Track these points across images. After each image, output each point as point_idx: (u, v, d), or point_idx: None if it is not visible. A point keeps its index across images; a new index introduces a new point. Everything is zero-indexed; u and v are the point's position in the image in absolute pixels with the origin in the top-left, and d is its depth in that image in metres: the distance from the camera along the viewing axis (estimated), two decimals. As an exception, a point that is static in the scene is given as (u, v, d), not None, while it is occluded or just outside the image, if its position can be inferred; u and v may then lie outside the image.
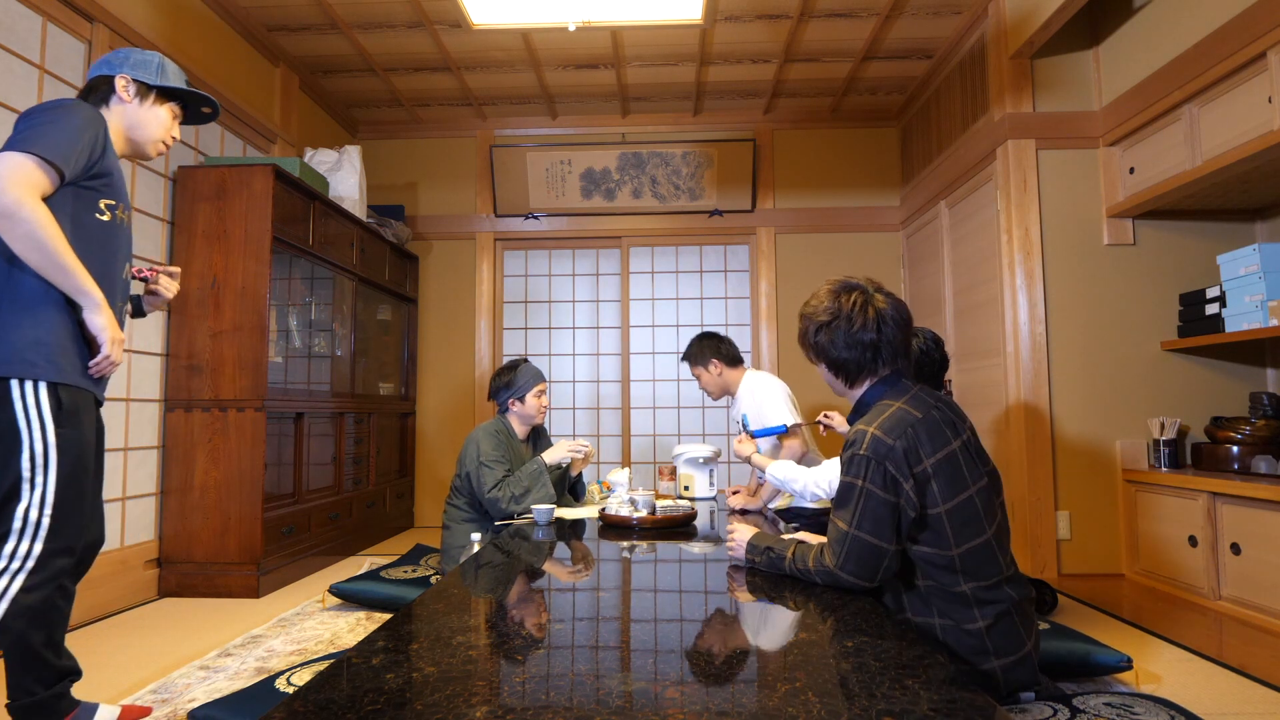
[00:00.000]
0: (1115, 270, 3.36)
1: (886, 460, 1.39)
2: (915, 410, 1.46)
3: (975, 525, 1.41)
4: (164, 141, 1.81)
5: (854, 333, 1.53)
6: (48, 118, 1.52)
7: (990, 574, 1.40)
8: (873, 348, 1.53)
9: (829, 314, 1.56)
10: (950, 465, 1.42)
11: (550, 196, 4.95)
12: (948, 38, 3.97)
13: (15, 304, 1.50)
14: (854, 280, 1.60)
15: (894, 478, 1.39)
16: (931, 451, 1.41)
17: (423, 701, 0.91)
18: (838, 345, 1.56)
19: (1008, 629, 1.40)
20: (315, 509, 3.53)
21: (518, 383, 2.87)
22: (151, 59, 1.77)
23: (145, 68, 1.75)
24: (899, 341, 1.54)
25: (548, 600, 1.51)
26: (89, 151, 1.57)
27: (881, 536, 1.39)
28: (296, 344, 3.51)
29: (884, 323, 1.52)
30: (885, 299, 1.55)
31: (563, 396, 5.05)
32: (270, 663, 2.19)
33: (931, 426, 1.44)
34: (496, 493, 2.63)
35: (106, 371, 1.62)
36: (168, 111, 1.80)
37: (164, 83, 1.77)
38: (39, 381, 1.49)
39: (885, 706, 0.90)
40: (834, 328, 1.55)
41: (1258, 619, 2.54)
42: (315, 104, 4.53)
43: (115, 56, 1.75)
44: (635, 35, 3.93)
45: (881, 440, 1.41)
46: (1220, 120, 2.72)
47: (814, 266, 4.91)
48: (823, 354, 1.60)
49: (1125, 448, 3.28)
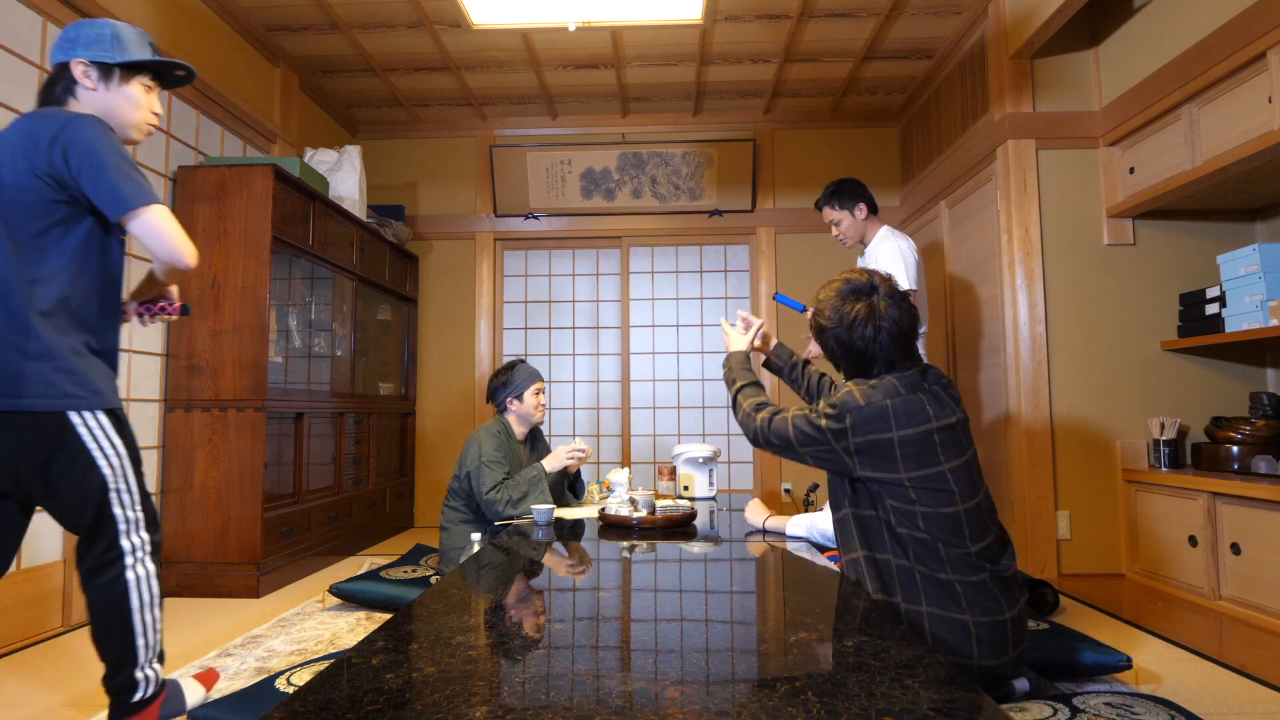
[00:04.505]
0: (1115, 270, 3.36)
1: (849, 413, 1.51)
2: (903, 389, 1.54)
3: (946, 495, 1.48)
4: (146, 122, 1.67)
5: (852, 342, 1.60)
6: (121, 153, 1.53)
7: (957, 543, 1.47)
8: (869, 358, 1.60)
9: (831, 320, 1.63)
10: (921, 441, 1.49)
11: (550, 196, 4.95)
12: (948, 38, 3.97)
13: (49, 346, 1.49)
14: (863, 282, 1.64)
15: (838, 430, 1.52)
16: (908, 421, 1.50)
17: (423, 701, 0.91)
18: (837, 350, 1.65)
19: (984, 593, 1.46)
20: (315, 509, 3.53)
21: (515, 381, 2.87)
22: (103, 31, 1.60)
23: (99, 44, 1.59)
24: (895, 353, 1.59)
25: (547, 600, 1.51)
26: None
27: (800, 439, 1.59)
28: (296, 344, 3.51)
29: (880, 334, 1.57)
30: (890, 307, 1.59)
31: (563, 396, 5.05)
32: (270, 663, 2.19)
33: (911, 405, 1.51)
34: (495, 494, 2.63)
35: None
36: (138, 88, 1.63)
37: (124, 57, 1.60)
38: (95, 410, 1.54)
39: (885, 706, 0.90)
40: (835, 334, 1.63)
41: (1258, 619, 2.54)
42: (315, 104, 4.53)
43: (64, 38, 1.60)
44: (635, 35, 3.93)
45: (853, 397, 1.54)
46: (1220, 120, 2.72)
47: (814, 266, 4.91)
48: (824, 348, 1.70)
49: (1125, 447, 3.28)
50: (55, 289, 1.51)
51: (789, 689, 0.96)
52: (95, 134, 1.50)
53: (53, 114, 1.54)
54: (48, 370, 1.49)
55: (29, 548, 2.44)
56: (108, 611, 1.57)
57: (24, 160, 1.49)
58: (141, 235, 1.53)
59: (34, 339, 1.48)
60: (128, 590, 1.57)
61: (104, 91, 1.60)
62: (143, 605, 1.59)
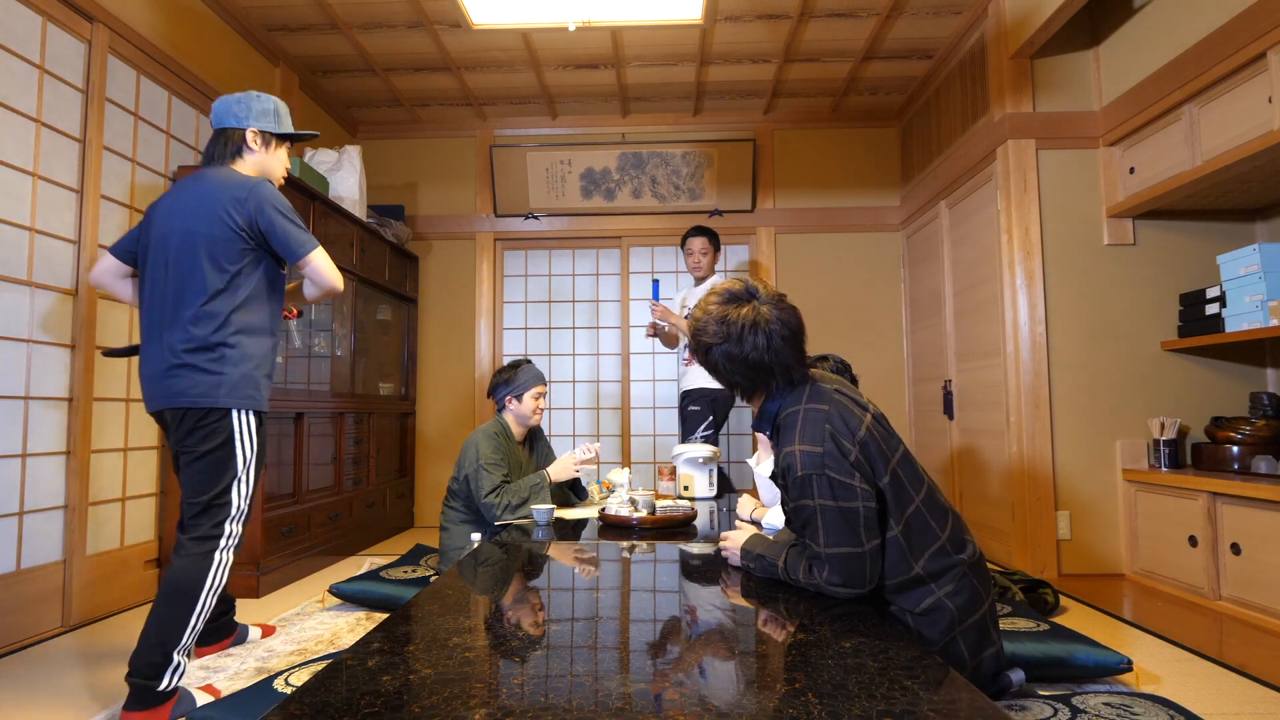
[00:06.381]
0: (1115, 270, 3.36)
1: (825, 469, 1.39)
2: (821, 405, 1.45)
3: (905, 493, 1.43)
4: (282, 176, 2.12)
5: (744, 355, 1.50)
6: (292, 213, 1.94)
7: (929, 540, 1.42)
8: (765, 369, 1.50)
9: (718, 335, 1.52)
10: (872, 444, 1.43)
11: (550, 196, 4.95)
12: (948, 38, 3.96)
13: (239, 347, 1.87)
14: (741, 290, 1.56)
15: (840, 481, 1.38)
16: (852, 435, 1.42)
17: (420, 704, 0.91)
18: (729, 368, 1.53)
19: (968, 593, 1.41)
20: (315, 509, 3.53)
21: (517, 380, 2.86)
22: (268, 106, 2.04)
23: (267, 117, 2.04)
24: (790, 357, 1.51)
25: (546, 600, 1.50)
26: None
27: (853, 543, 1.38)
28: (296, 344, 3.51)
29: (772, 340, 1.49)
30: (772, 310, 1.51)
31: (563, 396, 5.05)
32: (270, 663, 2.18)
33: (843, 411, 1.45)
34: (492, 499, 2.62)
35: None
36: (285, 150, 2.12)
37: (285, 130, 2.07)
38: (251, 411, 1.91)
39: (885, 707, 0.90)
40: (723, 350, 1.52)
41: (1258, 619, 2.54)
42: (315, 104, 4.53)
43: (239, 107, 2.01)
44: (635, 35, 3.92)
45: (809, 453, 1.40)
46: (1220, 120, 2.72)
47: (814, 266, 4.91)
48: (715, 372, 1.58)
49: (1125, 447, 3.28)
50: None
51: (789, 690, 0.96)
52: (285, 201, 1.94)
53: (236, 178, 1.94)
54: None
55: (29, 548, 2.44)
56: (183, 581, 1.80)
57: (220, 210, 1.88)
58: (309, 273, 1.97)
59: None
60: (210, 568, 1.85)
61: (266, 155, 2.05)
62: (211, 588, 1.84)
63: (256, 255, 1.92)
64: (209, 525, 1.86)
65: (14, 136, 2.42)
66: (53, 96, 2.57)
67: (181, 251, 1.86)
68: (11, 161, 2.41)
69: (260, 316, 1.94)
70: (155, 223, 1.93)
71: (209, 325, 1.84)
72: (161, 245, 1.89)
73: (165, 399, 1.85)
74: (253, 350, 1.91)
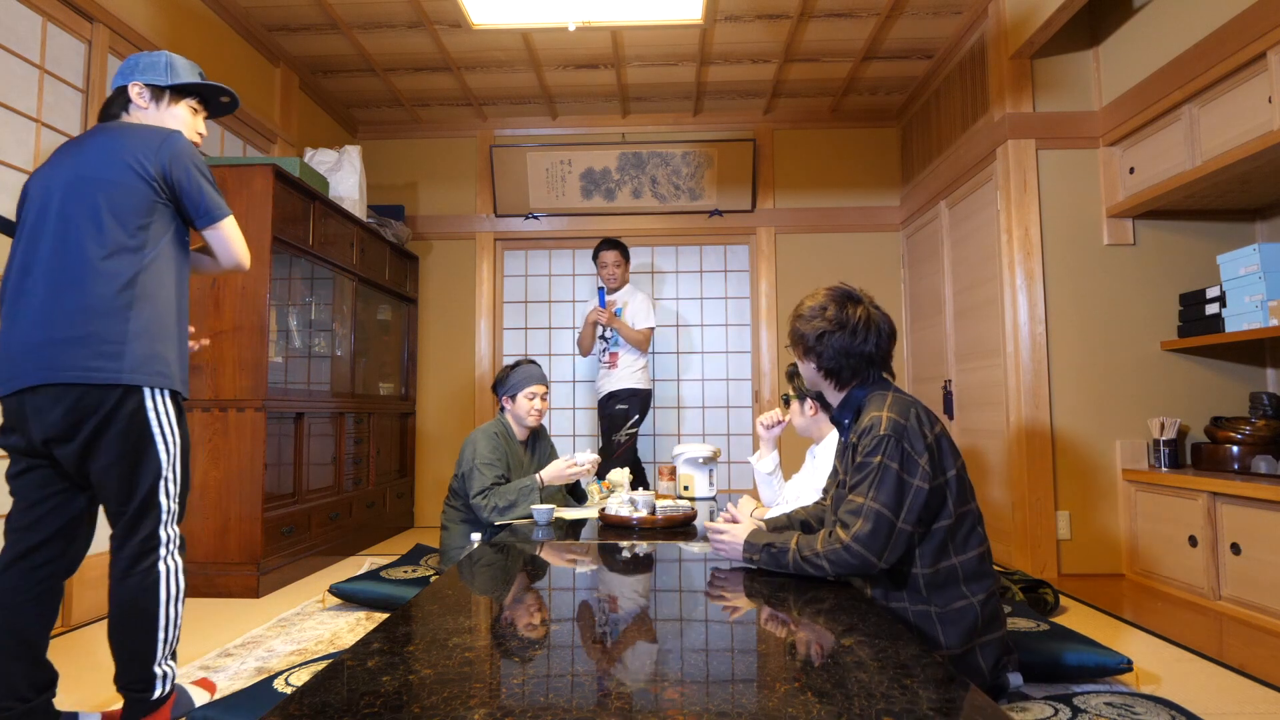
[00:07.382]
0: (1115, 270, 3.36)
1: (903, 437, 1.48)
2: (907, 397, 1.60)
3: (966, 493, 1.54)
4: (191, 141, 1.82)
5: (856, 344, 1.62)
6: (210, 174, 1.74)
7: (974, 545, 1.52)
8: (869, 359, 1.64)
9: (832, 323, 1.63)
10: (946, 440, 1.55)
11: (550, 196, 4.95)
12: (948, 38, 3.96)
13: (145, 317, 1.62)
14: (853, 290, 1.69)
15: (910, 456, 1.47)
16: (931, 426, 1.54)
17: (420, 704, 0.91)
18: (837, 353, 1.64)
19: (995, 607, 1.52)
20: (315, 509, 3.53)
21: (511, 380, 2.86)
22: (158, 59, 1.78)
23: (153, 69, 1.77)
24: (889, 355, 1.67)
25: (547, 600, 1.51)
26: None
27: (895, 511, 1.45)
28: (296, 344, 3.51)
29: (880, 337, 1.64)
30: (878, 312, 1.66)
31: (563, 396, 5.04)
32: (270, 663, 2.18)
33: (924, 408, 1.58)
34: (481, 500, 2.61)
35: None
36: (185, 109, 1.82)
37: (174, 80, 1.78)
38: (165, 390, 1.65)
39: (885, 706, 0.90)
40: (836, 337, 1.63)
41: (1258, 619, 2.54)
42: (315, 104, 4.53)
43: (126, 65, 1.79)
44: (635, 35, 3.92)
45: (895, 420, 1.50)
46: (1220, 120, 2.72)
47: (814, 266, 4.91)
48: (818, 358, 1.67)
49: (1125, 447, 3.28)
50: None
51: (789, 689, 0.96)
52: (201, 160, 1.72)
53: (145, 129, 1.71)
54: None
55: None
56: (136, 603, 1.61)
57: (130, 158, 1.64)
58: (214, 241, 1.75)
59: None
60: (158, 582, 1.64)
61: (155, 111, 1.78)
62: (170, 600, 1.65)
63: (166, 214, 1.68)
64: (141, 538, 1.62)
65: (14, 136, 2.42)
66: (53, 96, 2.57)
67: (72, 201, 1.60)
68: (11, 162, 2.41)
69: (168, 289, 1.67)
70: (33, 190, 1.67)
71: (110, 284, 1.57)
72: (43, 201, 1.62)
73: (46, 372, 1.54)
74: (164, 321, 1.66)
